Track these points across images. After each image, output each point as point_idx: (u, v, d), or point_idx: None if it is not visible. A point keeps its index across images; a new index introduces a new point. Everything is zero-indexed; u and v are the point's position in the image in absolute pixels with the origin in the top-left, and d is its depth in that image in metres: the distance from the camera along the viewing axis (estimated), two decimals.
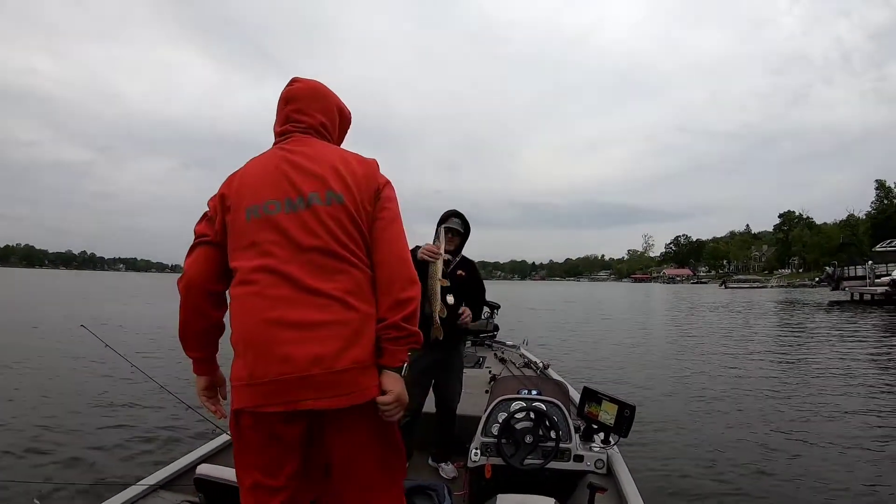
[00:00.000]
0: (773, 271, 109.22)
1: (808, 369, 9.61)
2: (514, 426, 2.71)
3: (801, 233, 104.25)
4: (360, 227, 1.47)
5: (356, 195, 1.47)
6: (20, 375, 7.71)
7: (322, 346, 1.34)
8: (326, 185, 1.45)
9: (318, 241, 1.41)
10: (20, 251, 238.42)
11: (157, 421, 5.68)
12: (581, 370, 9.48)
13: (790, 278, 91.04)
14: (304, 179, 1.45)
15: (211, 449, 2.95)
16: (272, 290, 1.38)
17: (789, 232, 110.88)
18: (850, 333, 15.63)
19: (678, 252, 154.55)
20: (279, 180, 1.46)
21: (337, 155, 1.55)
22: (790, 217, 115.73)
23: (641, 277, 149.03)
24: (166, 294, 35.54)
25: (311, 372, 1.33)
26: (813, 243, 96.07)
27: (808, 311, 26.48)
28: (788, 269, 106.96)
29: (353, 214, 1.46)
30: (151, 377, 3.48)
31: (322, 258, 1.40)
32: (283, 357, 1.32)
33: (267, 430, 1.39)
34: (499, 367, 5.17)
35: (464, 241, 3.28)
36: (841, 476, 4.60)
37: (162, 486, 2.51)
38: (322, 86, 1.67)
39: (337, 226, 1.42)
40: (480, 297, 3.39)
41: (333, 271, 1.41)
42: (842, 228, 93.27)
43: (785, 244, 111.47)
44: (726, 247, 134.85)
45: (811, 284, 69.23)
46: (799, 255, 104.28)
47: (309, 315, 1.36)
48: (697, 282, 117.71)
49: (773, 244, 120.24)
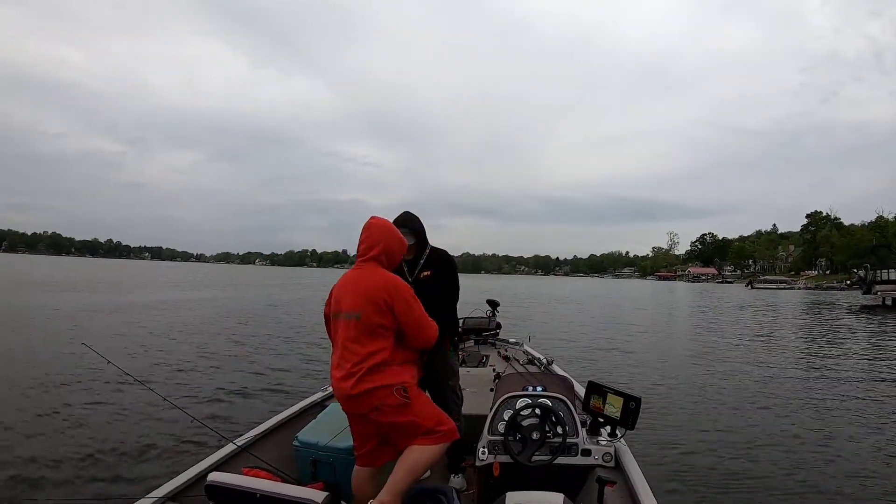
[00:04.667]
0: (799, 272, 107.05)
1: (832, 372, 9.46)
2: (520, 423, 2.72)
3: (829, 233, 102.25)
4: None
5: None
6: (23, 393, 7.20)
7: None
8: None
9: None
10: (46, 239, 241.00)
11: (163, 432, 5.60)
12: (587, 365, 9.56)
13: (818, 280, 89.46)
14: None
15: (219, 458, 2.93)
16: None
17: (817, 232, 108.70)
18: (884, 339, 15.25)
19: (703, 250, 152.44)
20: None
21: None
22: (818, 217, 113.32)
23: (666, 275, 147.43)
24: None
25: None
26: (841, 244, 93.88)
27: (838, 314, 25.99)
28: (815, 271, 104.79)
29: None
30: (161, 393, 3.50)
31: None
32: None
33: None
34: (503, 364, 5.17)
35: (422, 241, 3.07)
36: (855, 479, 4.56)
37: (170, 498, 2.50)
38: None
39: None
40: (447, 300, 3.09)
41: None
42: (871, 230, 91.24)
43: (812, 245, 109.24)
44: (752, 246, 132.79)
45: (840, 287, 68.17)
46: (826, 257, 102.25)
47: None
48: (723, 281, 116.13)
49: (799, 245, 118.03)
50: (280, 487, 1.90)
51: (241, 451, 3.02)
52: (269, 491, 1.87)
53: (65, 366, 8.63)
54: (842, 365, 10.36)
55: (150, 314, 17.10)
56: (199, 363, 9.36)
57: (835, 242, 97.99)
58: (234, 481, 1.96)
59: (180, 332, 13.31)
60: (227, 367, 9.14)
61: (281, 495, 1.85)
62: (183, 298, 24.36)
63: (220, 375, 8.46)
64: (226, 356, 10.16)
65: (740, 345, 13.16)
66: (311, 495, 1.83)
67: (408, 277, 3.00)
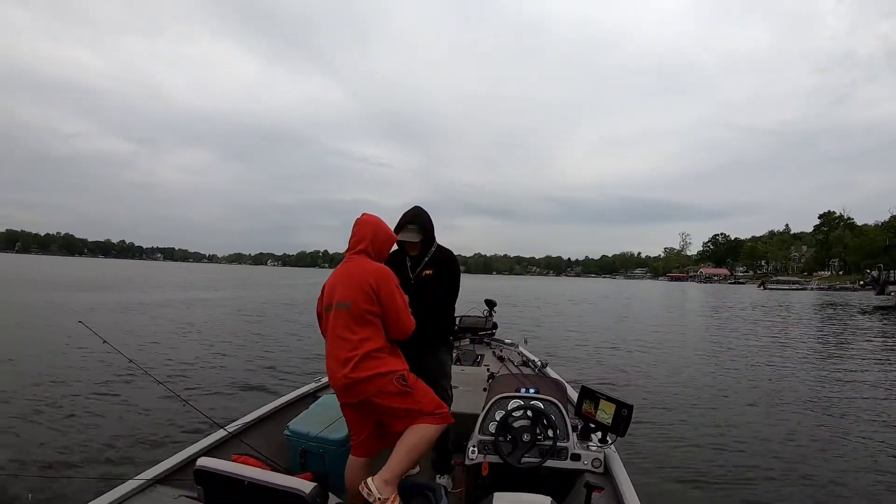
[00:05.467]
0: (812, 273, 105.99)
1: (840, 378, 9.20)
2: (511, 424, 2.72)
3: (842, 234, 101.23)
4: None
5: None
6: (16, 370, 7.60)
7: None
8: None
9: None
10: (60, 240, 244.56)
11: (154, 416, 5.64)
12: (585, 368, 9.53)
13: (831, 280, 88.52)
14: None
15: (209, 443, 2.93)
16: None
17: (829, 233, 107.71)
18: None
19: (716, 251, 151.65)
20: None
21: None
22: (830, 217, 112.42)
23: (678, 276, 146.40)
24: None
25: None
26: (854, 245, 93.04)
27: (850, 315, 25.69)
28: (828, 271, 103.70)
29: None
30: (154, 376, 3.47)
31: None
32: None
33: None
34: (497, 365, 5.13)
35: (429, 239, 3.03)
36: (846, 485, 4.52)
37: (159, 481, 2.51)
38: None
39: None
40: (446, 300, 3.09)
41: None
42: (884, 230, 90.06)
43: (825, 245, 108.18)
44: (764, 247, 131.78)
45: (853, 287, 67.69)
46: (839, 257, 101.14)
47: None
48: (735, 282, 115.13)
49: (812, 245, 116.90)
50: (268, 476, 1.89)
51: (231, 438, 3.03)
52: (257, 478, 1.87)
53: (62, 346, 8.94)
54: (854, 369, 10.16)
55: (160, 311, 17.34)
56: (200, 354, 9.63)
57: (848, 243, 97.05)
58: (222, 467, 1.96)
59: (185, 327, 13.54)
60: (224, 358, 9.36)
61: (269, 483, 1.84)
62: (193, 298, 24.66)
63: (217, 365, 8.67)
64: (225, 348, 10.40)
65: (746, 349, 13.05)
66: (299, 485, 1.81)
67: (409, 273, 3.02)
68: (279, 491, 1.81)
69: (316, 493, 1.80)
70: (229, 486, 1.89)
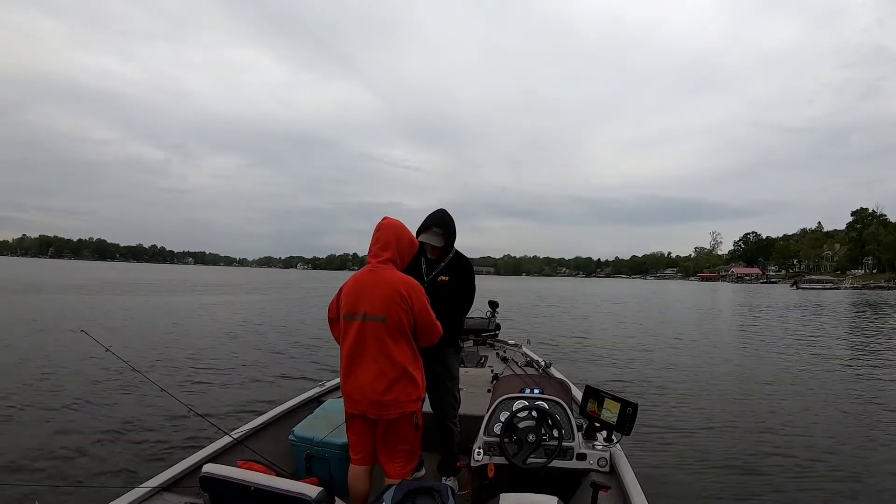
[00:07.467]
0: (845, 271, 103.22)
1: (864, 384, 8.95)
2: (516, 425, 2.71)
3: (876, 231, 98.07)
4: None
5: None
6: (24, 380, 7.46)
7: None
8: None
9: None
10: (92, 245, 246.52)
11: (160, 424, 5.61)
12: (588, 369, 9.48)
13: (864, 279, 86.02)
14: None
15: (214, 450, 2.93)
16: None
17: (863, 230, 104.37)
18: None
19: (747, 250, 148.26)
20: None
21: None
22: (863, 214, 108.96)
23: (709, 276, 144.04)
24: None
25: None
26: (889, 242, 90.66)
27: (884, 314, 24.98)
28: (862, 270, 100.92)
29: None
30: (158, 384, 3.40)
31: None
32: None
33: None
34: (501, 366, 5.12)
35: (449, 244, 3.04)
36: (866, 492, 4.42)
37: (165, 488, 2.51)
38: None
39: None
40: (459, 307, 3.08)
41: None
42: None
43: (858, 243, 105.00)
44: (797, 245, 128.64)
45: (888, 286, 66.10)
46: (873, 255, 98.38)
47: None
48: (767, 281, 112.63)
49: (845, 243, 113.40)
50: (274, 481, 1.86)
51: (236, 444, 3.03)
52: (263, 484, 1.84)
53: (68, 354, 9.12)
54: (888, 378, 9.59)
55: (176, 314, 17.59)
56: (208, 360, 9.60)
57: (882, 240, 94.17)
58: (228, 473, 1.93)
59: (199, 331, 13.72)
60: (232, 363, 9.42)
61: (275, 489, 1.82)
62: (225, 301, 24.93)
63: (224, 371, 8.70)
64: (235, 353, 10.45)
65: (770, 347, 12.86)
66: (306, 490, 1.79)
67: (424, 277, 3.00)
68: (285, 496, 1.80)
69: (322, 497, 1.78)
70: (235, 492, 1.88)
